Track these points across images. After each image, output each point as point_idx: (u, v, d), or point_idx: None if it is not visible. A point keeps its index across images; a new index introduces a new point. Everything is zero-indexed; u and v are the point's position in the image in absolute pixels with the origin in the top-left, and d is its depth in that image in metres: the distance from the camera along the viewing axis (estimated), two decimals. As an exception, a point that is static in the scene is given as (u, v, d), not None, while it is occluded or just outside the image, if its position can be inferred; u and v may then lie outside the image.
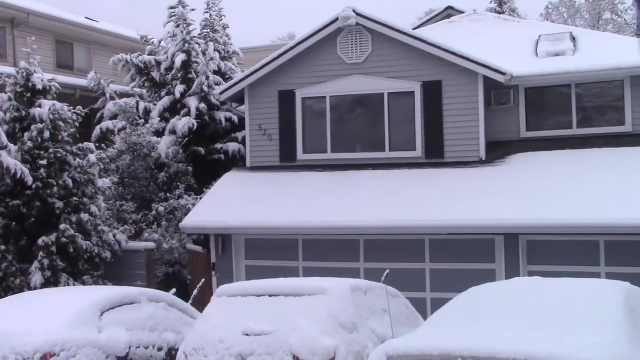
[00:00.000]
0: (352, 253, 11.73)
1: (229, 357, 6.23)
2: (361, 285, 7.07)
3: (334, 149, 13.11)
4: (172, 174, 15.26)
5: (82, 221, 12.44)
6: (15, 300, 8.20)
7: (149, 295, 8.21)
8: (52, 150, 12.52)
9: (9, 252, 12.03)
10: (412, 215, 11.07)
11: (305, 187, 12.51)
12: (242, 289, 6.91)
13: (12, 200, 12.33)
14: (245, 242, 12.45)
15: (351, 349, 6.13)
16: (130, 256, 13.34)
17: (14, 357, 6.50)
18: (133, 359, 7.40)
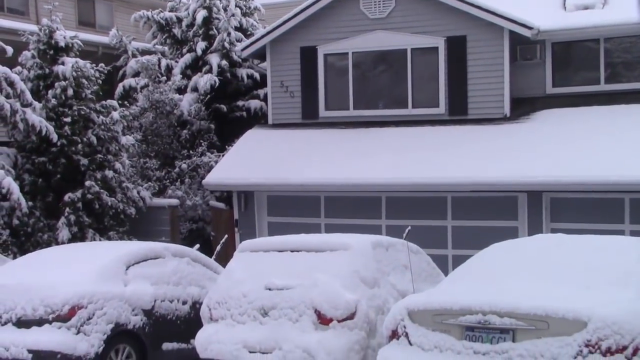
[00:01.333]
0: (373, 210, 11.74)
1: (252, 310, 6.33)
2: (382, 241, 7.08)
3: (356, 106, 13.01)
4: (195, 132, 15.32)
5: (106, 178, 12.60)
6: (43, 254, 8.37)
7: (173, 250, 8.33)
8: (76, 107, 12.61)
9: (36, 208, 12.26)
10: (435, 172, 11.02)
11: (327, 144, 12.48)
12: (264, 244, 6.97)
13: (38, 157, 12.52)
14: (267, 199, 12.52)
15: (372, 303, 6.18)
16: (155, 212, 13.52)
17: (43, 308, 6.68)
18: (158, 312, 7.57)
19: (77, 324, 6.69)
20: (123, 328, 7.09)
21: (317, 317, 6.06)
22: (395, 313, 5.32)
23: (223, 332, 6.37)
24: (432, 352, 4.98)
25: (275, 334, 6.10)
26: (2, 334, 6.68)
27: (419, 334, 5.10)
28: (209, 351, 6.39)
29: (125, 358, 7.16)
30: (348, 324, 5.98)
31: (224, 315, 6.47)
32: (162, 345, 7.57)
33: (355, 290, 6.15)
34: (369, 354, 5.98)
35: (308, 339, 5.97)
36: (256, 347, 6.14)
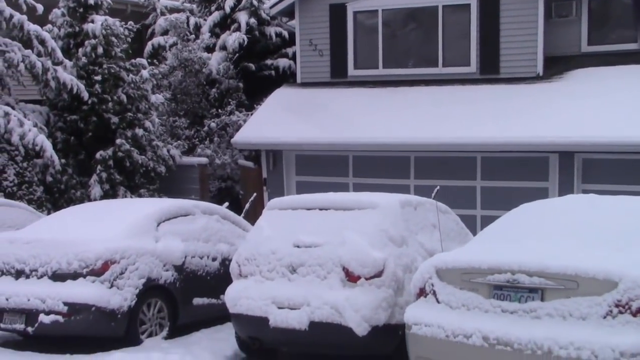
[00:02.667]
0: (402, 170, 11.70)
1: (280, 267, 6.39)
2: (411, 200, 7.07)
3: (385, 65, 12.86)
4: (223, 90, 15.32)
5: (136, 136, 12.72)
6: (77, 210, 8.54)
7: (203, 207, 8.43)
8: (106, 65, 12.68)
9: (69, 166, 12.46)
10: (465, 132, 10.90)
11: (355, 103, 12.39)
12: (293, 202, 7.00)
13: (70, 115, 12.68)
14: (295, 158, 12.54)
15: (400, 262, 6.20)
16: (184, 171, 13.65)
17: (78, 263, 6.85)
18: (188, 267, 7.71)
19: (110, 278, 6.85)
20: (155, 283, 7.25)
21: (345, 275, 6.10)
22: (424, 271, 5.33)
23: (252, 288, 6.45)
24: (459, 310, 5.00)
25: (303, 291, 6.16)
26: (38, 287, 6.87)
27: (446, 292, 5.12)
28: (238, 306, 6.49)
29: (157, 312, 7.35)
30: (375, 282, 6.02)
31: (253, 272, 6.55)
32: (192, 300, 7.74)
33: (383, 248, 6.17)
34: (396, 312, 6.02)
35: (336, 295, 6.02)
36: (284, 303, 6.22)
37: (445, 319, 4.98)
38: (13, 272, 7.11)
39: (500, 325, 4.70)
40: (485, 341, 4.71)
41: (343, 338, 5.98)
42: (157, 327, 7.33)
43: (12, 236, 7.44)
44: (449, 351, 4.92)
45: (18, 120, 10.92)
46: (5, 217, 9.02)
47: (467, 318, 4.89)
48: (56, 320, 6.73)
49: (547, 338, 4.48)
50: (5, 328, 7.06)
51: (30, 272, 7.01)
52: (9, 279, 7.11)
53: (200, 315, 7.86)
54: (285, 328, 6.17)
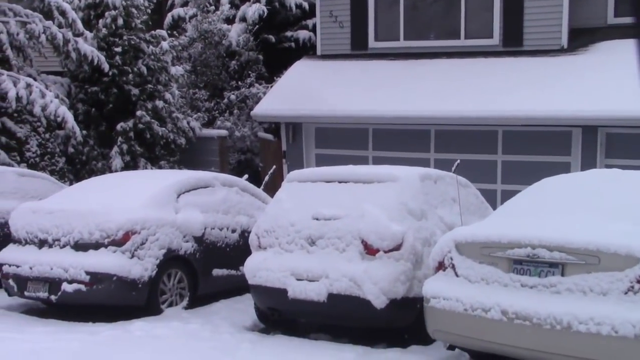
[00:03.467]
0: (422, 143, 11.62)
1: (299, 239, 6.41)
2: (431, 174, 7.02)
3: (406, 37, 12.68)
4: (243, 62, 15.27)
5: (157, 108, 12.76)
6: (98, 181, 8.63)
7: (222, 179, 8.46)
8: (126, 37, 12.68)
9: (90, 137, 12.56)
10: (486, 105, 10.76)
11: (376, 75, 12.28)
12: (312, 174, 6.99)
13: (91, 87, 12.73)
14: (315, 131, 12.50)
15: (419, 235, 6.18)
16: (204, 143, 13.70)
17: (99, 233, 6.93)
18: (208, 239, 7.77)
19: (131, 249, 6.93)
20: (175, 254, 7.33)
21: (364, 248, 6.11)
22: (443, 245, 5.32)
23: (271, 260, 6.49)
24: (478, 284, 4.98)
25: (322, 263, 6.19)
26: (61, 256, 6.98)
27: (465, 265, 5.10)
28: (257, 278, 6.54)
29: (177, 282, 7.43)
30: (394, 255, 6.01)
31: (272, 244, 6.58)
32: (212, 271, 7.82)
33: (402, 221, 6.15)
34: (414, 285, 6.02)
35: (354, 268, 6.04)
36: (303, 275, 6.25)
37: (463, 293, 4.98)
38: (36, 242, 7.22)
39: (519, 300, 4.69)
40: (504, 315, 4.70)
41: (361, 310, 6.00)
42: (177, 297, 7.42)
43: (36, 206, 7.55)
44: (467, 325, 4.92)
45: (40, 91, 10.99)
46: (29, 188, 9.15)
47: (486, 292, 4.88)
48: (79, 289, 6.84)
49: (567, 313, 4.46)
50: (29, 296, 7.20)
51: (53, 242, 7.11)
52: (32, 248, 7.23)
53: (219, 286, 7.94)
54: (303, 300, 6.21)
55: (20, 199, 8.74)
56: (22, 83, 10.94)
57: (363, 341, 6.18)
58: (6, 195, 8.85)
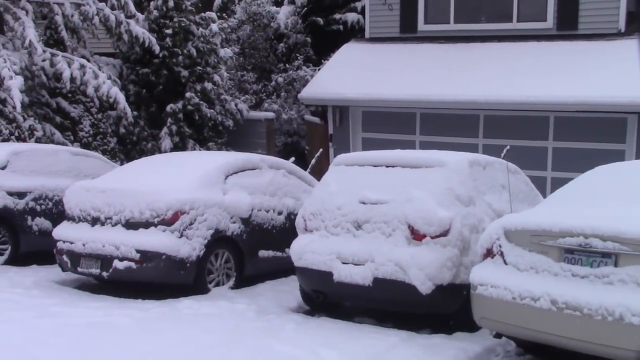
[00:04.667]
0: (470, 128, 11.45)
1: (345, 223, 6.41)
2: (480, 160, 6.92)
3: (457, 19, 12.47)
4: (291, 45, 15.29)
5: (205, 90, 12.90)
6: (148, 161, 8.78)
7: (269, 162, 8.52)
8: (177, 19, 12.82)
9: (140, 118, 12.79)
10: (538, 90, 10.51)
11: (425, 59, 12.12)
12: (360, 158, 6.97)
13: (142, 68, 12.94)
14: (362, 114, 12.45)
15: (466, 221, 6.12)
16: (251, 125, 13.80)
17: (149, 212, 7.07)
18: (255, 220, 7.85)
19: (180, 228, 7.05)
20: (222, 234, 7.43)
21: (410, 233, 6.07)
22: (491, 232, 5.24)
23: (317, 243, 6.52)
24: (527, 273, 4.90)
25: (368, 247, 6.18)
26: (113, 234, 7.15)
27: (514, 253, 5.02)
28: (303, 260, 6.58)
29: (224, 262, 7.54)
30: (441, 241, 5.97)
31: (318, 227, 6.60)
32: (258, 252, 7.90)
33: (449, 207, 6.09)
34: (461, 271, 5.98)
35: (400, 253, 6.02)
36: (349, 259, 6.26)
37: (512, 281, 4.91)
38: (89, 219, 7.42)
39: (569, 289, 4.59)
40: (554, 305, 4.62)
41: (406, 295, 5.99)
42: (224, 277, 7.53)
43: (89, 185, 7.74)
44: (515, 313, 4.85)
45: (93, 72, 11.23)
46: (82, 167, 9.40)
47: (536, 281, 4.80)
48: (129, 267, 7.00)
49: (620, 305, 4.35)
50: (82, 272, 7.41)
51: (105, 220, 7.28)
52: (85, 226, 7.43)
53: (265, 267, 8.03)
54: (349, 283, 6.23)
55: (74, 177, 9.00)
56: (76, 64, 11.19)
57: (407, 326, 6.17)
58: (61, 173, 9.13)
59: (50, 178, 8.99)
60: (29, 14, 11.21)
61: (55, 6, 11.75)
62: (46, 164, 9.07)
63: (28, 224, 8.64)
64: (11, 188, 8.55)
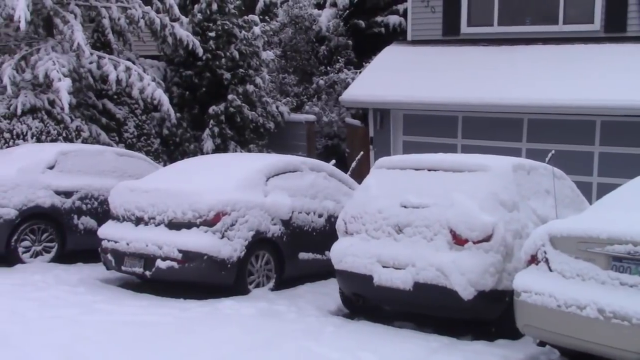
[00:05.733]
0: (514, 132, 11.27)
1: (386, 226, 6.38)
2: (524, 164, 6.81)
3: (500, 22, 12.31)
4: (332, 48, 15.31)
5: (247, 92, 13.01)
6: (191, 162, 8.89)
7: (310, 164, 8.53)
8: (220, 22, 12.96)
9: (183, 119, 12.97)
10: (584, 94, 10.29)
11: (467, 62, 11.99)
12: (401, 161, 6.93)
13: (185, 71, 13.12)
14: (403, 117, 12.37)
15: (510, 227, 6.02)
16: (292, 127, 13.86)
17: (192, 213, 7.15)
18: (295, 222, 7.87)
19: (222, 229, 7.11)
20: (263, 236, 7.47)
21: (452, 237, 6.01)
22: (536, 238, 5.15)
23: (358, 246, 6.50)
24: (573, 280, 4.80)
25: (409, 251, 6.14)
26: (156, 234, 7.25)
27: (560, 260, 4.92)
28: (343, 263, 6.57)
29: (264, 264, 7.58)
30: (484, 246, 5.89)
31: (359, 230, 6.58)
32: (298, 254, 7.92)
33: (493, 212, 6.01)
34: (504, 277, 5.88)
35: (442, 257, 5.96)
36: (389, 262, 6.23)
37: (557, 288, 4.81)
38: (133, 219, 7.54)
39: (617, 298, 4.48)
40: (601, 314, 4.51)
41: (448, 301, 5.93)
42: (264, 278, 7.57)
43: (133, 185, 7.87)
44: (560, 321, 4.75)
45: (138, 74, 11.43)
46: (126, 167, 9.57)
47: (582, 289, 4.69)
48: (171, 266, 7.09)
49: (670, 315, 4.23)
50: (125, 270, 7.54)
51: (148, 220, 7.39)
52: (129, 225, 7.56)
53: (305, 269, 8.04)
54: (389, 287, 6.19)
55: (119, 177, 9.17)
56: (122, 66, 11.41)
57: (448, 332, 6.11)
58: (106, 173, 9.31)
59: (95, 178, 9.18)
60: (77, 17, 11.48)
61: (103, 10, 12.00)
62: (92, 164, 9.27)
63: (74, 223, 8.83)
64: (58, 187, 8.76)
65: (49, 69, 10.55)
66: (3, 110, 10.67)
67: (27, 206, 8.41)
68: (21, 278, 7.53)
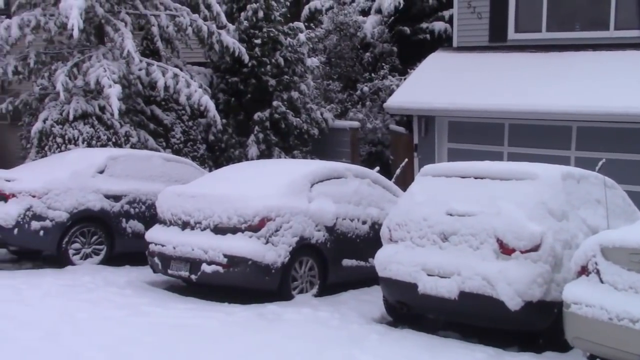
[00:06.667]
0: (562, 140, 11.05)
1: (432, 234, 6.33)
2: (574, 173, 6.67)
3: (549, 28, 12.10)
4: (377, 54, 15.29)
5: (292, 99, 13.08)
6: (237, 168, 8.98)
7: (354, 171, 8.53)
8: (266, 29, 13.08)
9: (229, 126, 13.12)
10: (637, 101, 10.02)
11: (515, 68, 11.82)
12: (447, 169, 6.87)
13: (231, 77, 13.27)
14: (448, 125, 12.26)
15: (559, 237, 5.90)
16: (336, 134, 13.87)
17: (237, 218, 7.22)
18: (339, 229, 7.87)
19: (266, 235, 7.16)
20: (307, 242, 7.49)
21: (499, 247, 5.92)
22: (587, 248, 5.04)
23: (402, 254, 6.46)
24: (626, 293, 4.68)
25: (454, 260, 6.07)
26: (201, 238, 7.34)
27: (612, 272, 4.81)
28: (387, 270, 6.54)
29: (308, 270, 7.60)
30: (532, 256, 5.79)
31: (404, 237, 6.54)
32: (342, 261, 7.92)
33: (541, 221, 5.90)
34: (552, 288, 5.76)
35: (488, 267, 5.87)
36: (434, 271, 6.17)
37: (609, 301, 4.70)
38: (180, 223, 7.65)
39: (672, 312, 4.35)
40: (654, 328, 4.38)
41: (494, 311, 5.84)
42: (307, 284, 7.59)
43: (180, 190, 7.99)
44: (612, 335, 4.64)
45: (185, 81, 11.61)
46: (173, 172, 9.73)
47: (635, 301, 4.57)
48: (216, 271, 7.17)
49: None
50: (172, 274, 7.65)
51: (194, 224, 7.49)
52: (176, 229, 7.67)
53: (348, 276, 8.03)
54: (434, 296, 6.14)
55: (166, 182, 9.33)
56: (170, 73, 11.61)
57: (494, 342, 6.01)
58: (154, 178, 9.49)
59: (143, 182, 9.36)
60: (127, 25, 11.74)
61: (152, 18, 12.24)
62: (140, 168, 9.45)
63: (122, 226, 9.02)
64: (108, 191, 8.96)
65: (100, 75, 10.81)
66: (56, 116, 10.98)
67: (78, 209, 8.63)
68: (71, 279, 7.72)
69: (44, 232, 8.43)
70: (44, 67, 11.87)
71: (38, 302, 6.59)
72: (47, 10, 11.45)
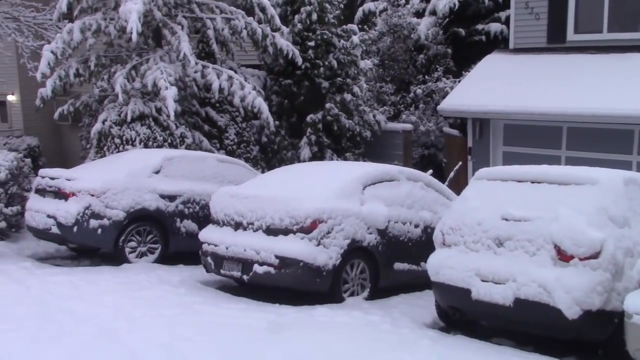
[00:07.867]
0: (623, 144, 10.69)
1: (486, 239, 6.20)
2: (637, 178, 6.42)
3: (610, 28, 11.73)
4: (431, 56, 15.14)
5: (345, 101, 13.07)
6: (289, 170, 9.01)
7: (407, 173, 8.44)
8: (319, 32, 13.11)
9: (281, 127, 13.20)
10: None
11: (574, 70, 11.51)
12: (503, 173, 6.72)
13: (284, 80, 13.35)
14: (503, 128, 12.03)
15: (620, 244, 5.69)
16: (388, 136, 13.80)
17: (289, 219, 7.24)
18: (391, 232, 7.80)
19: (318, 237, 7.15)
20: (358, 245, 7.45)
21: (557, 253, 5.75)
22: (650, 257, 4.85)
23: (455, 258, 6.35)
24: (692, 304, 4.48)
25: (509, 266, 5.93)
26: (254, 239, 7.39)
27: (677, 282, 4.61)
28: (440, 275, 6.44)
29: (359, 273, 7.56)
30: (591, 263, 5.60)
31: (457, 242, 6.44)
32: (393, 264, 7.85)
33: (601, 228, 5.70)
34: (613, 297, 5.56)
35: (545, 274, 5.71)
36: (489, 277, 6.04)
37: (674, 312, 4.50)
38: (232, 224, 7.72)
39: None
40: None
41: (550, 319, 5.68)
42: (358, 287, 7.55)
43: (233, 191, 8.07)
44: (676, 347, 4.44)
45: (239, 83, 11.74)
46: (227, 173, 9.85)
47: (702, 313, 4.37)
48: (268, 272, 7.21)
49: None
50: (224, 274, 7.73)
51: (247, 225, 7.55)
52: (229, 230, 7.75)
53: (399, 280, 7.95)
54: (488, 302, 6.01)
55: (219, 183, 9.45)
56: (225, 75, 11.76)
57: (549, 351, 5.84)
58: (208, 179, 9.62)
59: (198, 183, 9.50)
60: (184, 28, 11.95)
61: (208, 21, 12.44)
62: (195, 169, 9.60)
63: (177, 226, 9.18)
64: (163, 191, 9.13)
65: (157, 77, 11.03)
66: (114, 117, 11.26)
67: (135, 208, 8.83)
68: (127, 277, 7.89)
69: (102, 230, 8.65)
70: (104, 70, 12.19)
71: (95, 298, 6.76)
72: (107, 14, 11.75)
